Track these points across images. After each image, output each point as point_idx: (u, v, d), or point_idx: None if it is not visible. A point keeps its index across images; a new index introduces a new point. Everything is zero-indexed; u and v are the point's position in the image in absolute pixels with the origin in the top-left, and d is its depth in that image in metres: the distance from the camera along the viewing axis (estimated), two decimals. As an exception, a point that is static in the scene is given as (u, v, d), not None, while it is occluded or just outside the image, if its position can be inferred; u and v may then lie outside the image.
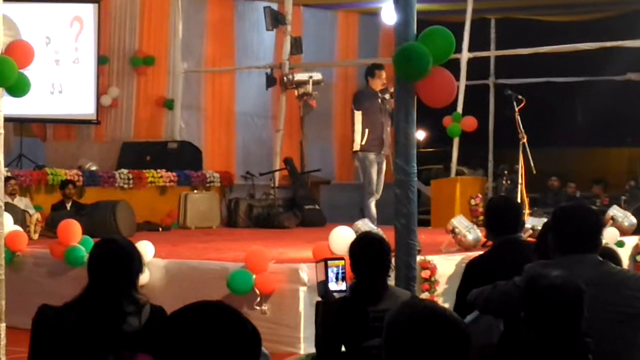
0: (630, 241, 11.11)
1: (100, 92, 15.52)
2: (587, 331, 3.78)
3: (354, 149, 11.34)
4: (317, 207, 14.94)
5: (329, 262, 6.24)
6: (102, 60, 15.52)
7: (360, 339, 5.09)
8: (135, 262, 4.18)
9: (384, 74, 11.45)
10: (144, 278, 8.92)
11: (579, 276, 3.99)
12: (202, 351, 2.43)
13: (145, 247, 9.16)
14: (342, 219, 11.38)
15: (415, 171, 6.53)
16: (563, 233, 4.52)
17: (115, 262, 4.12)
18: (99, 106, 15.52)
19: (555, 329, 3.68)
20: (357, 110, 11.22)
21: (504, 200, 6.88)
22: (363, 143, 11.14)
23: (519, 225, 6.04)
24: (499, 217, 5.92)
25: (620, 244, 10.48)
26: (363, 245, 5.45)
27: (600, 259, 4.49)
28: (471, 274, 5.82)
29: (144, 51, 16.04)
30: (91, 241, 9.09)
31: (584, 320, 3.73)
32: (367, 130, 11.05)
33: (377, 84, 10.79)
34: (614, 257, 5.98)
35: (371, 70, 11.20)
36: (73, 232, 9.72)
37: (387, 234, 6.22)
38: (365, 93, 11.23)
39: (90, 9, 15.30)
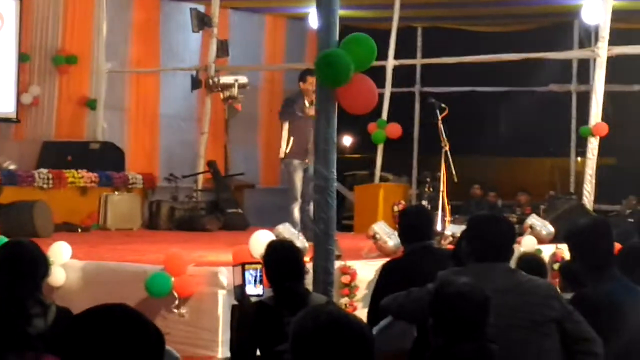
0: (548, 250, 11.25)
1: (20, 90, 15.24)
2: (497, 337, 3.83)
3: (280, 156, 11.38)
4: (239, 210, 14.88)
5: (246, 265, 6.23)
6: (23, 58, 15.23)
7: (274, 343, 5.08)
8: (41, 265, 4.17)
9: (315, 80, 11.41)
10: (60, 279, 8.83)
11: (490, 284, 4.06)
12: (105, 353, 2.47)
13: (62, 248, 9.04)
14: (266, 223, 11.35)
15: (335, 177, 6.56)
16: (476, 241, 4.60)
17: (20, 265, 4.10)
18: (19, 104, 15.25)
19: (461, 335, 3.74)
20: (283, 120, 11.27)
21: (416, 209, 7.04)
22: (287, 151, 11.18)
23: (431, 232, 6.17)
24: (412, 224, 6.04)
25: (538, 252, 10.61)
26: (271, 253, 5.48)
27: (511, 267, 4.57)
28: (386, 277, 5.92)
29: (66, 50, 15.79)
30: (7, 241, 8.93)
31: (489, 327, 3.79)
32: (292, 139, 11.09)
33: (309, 90, 10.77)
34: (539, 266, 6.11)
35: (303, 76, 11.20)
36: (-12, 231, 9.54)
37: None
38: (292, 101, 11.23)
39: (12, 5, 15.00)
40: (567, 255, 10.57)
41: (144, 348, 2.51)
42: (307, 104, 10.91)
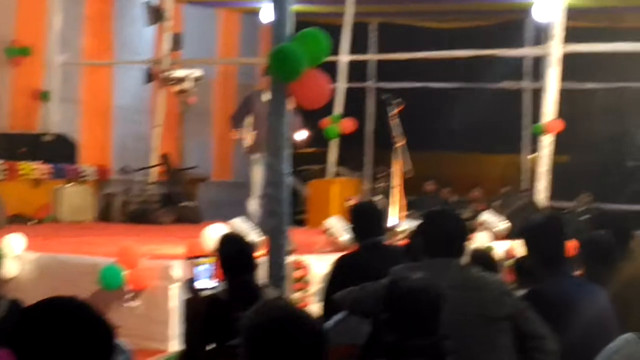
0: (502, 246, 11.30)
1: (-28, 81, 15.08)
2: (450, 333, 3.86)
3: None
4: (193, 204, 14.85)
5: (198, 260, 6.23)
6: (-25, 50, 15.09)
7: (227, 337, 5.08)
8: None
9: None
10: (13, 271, 8.78)
11: (443, 279, 4.08)
12: (54, 346, 2.48)
13: (15, 241, 8.98)
14: (220, 217, 11.33)
15: (288, 172, 6.55)
16: (429, 237, 4.63)
17: None
18: (-29, 96, 15.09)
19: (415, 330, 3.76)
20: (233, 127, 11.38)
21: (366, 205, 7.06)
22: (250, 144, 11.25)
23: (381, 228, 6.20)
24: (361, 221, 6.08)
25: (489, 248, 10.65)
26: (223, 247, 5.48)
27: (464, 263, 4.60)
28: (339, 272, 5.94)
29: (20, 41, 15.62)
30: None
31: (443, 323, 3.81)
32: (254, 133, 11.16)
33: (273, 84, 10.82)
34: (490, 262, 6.15)
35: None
36: (-61, 224, 9.44)
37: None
38: (253, 97, 11.30)
39: (-36, -4, 14.86)
40: (520, 252, 10.66)
41: (93, 341, 2.52)
42: (266, 100, 10.95)
